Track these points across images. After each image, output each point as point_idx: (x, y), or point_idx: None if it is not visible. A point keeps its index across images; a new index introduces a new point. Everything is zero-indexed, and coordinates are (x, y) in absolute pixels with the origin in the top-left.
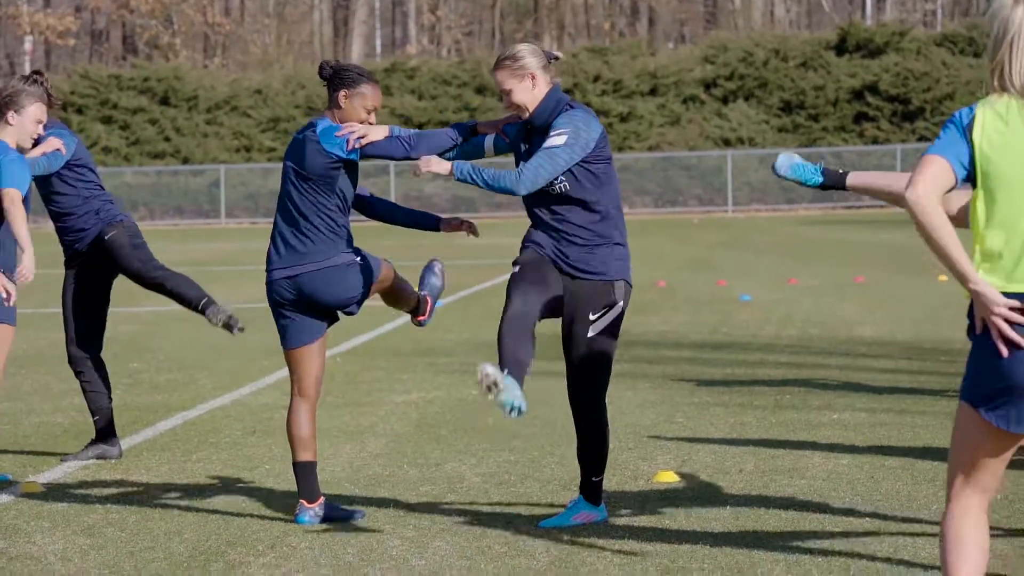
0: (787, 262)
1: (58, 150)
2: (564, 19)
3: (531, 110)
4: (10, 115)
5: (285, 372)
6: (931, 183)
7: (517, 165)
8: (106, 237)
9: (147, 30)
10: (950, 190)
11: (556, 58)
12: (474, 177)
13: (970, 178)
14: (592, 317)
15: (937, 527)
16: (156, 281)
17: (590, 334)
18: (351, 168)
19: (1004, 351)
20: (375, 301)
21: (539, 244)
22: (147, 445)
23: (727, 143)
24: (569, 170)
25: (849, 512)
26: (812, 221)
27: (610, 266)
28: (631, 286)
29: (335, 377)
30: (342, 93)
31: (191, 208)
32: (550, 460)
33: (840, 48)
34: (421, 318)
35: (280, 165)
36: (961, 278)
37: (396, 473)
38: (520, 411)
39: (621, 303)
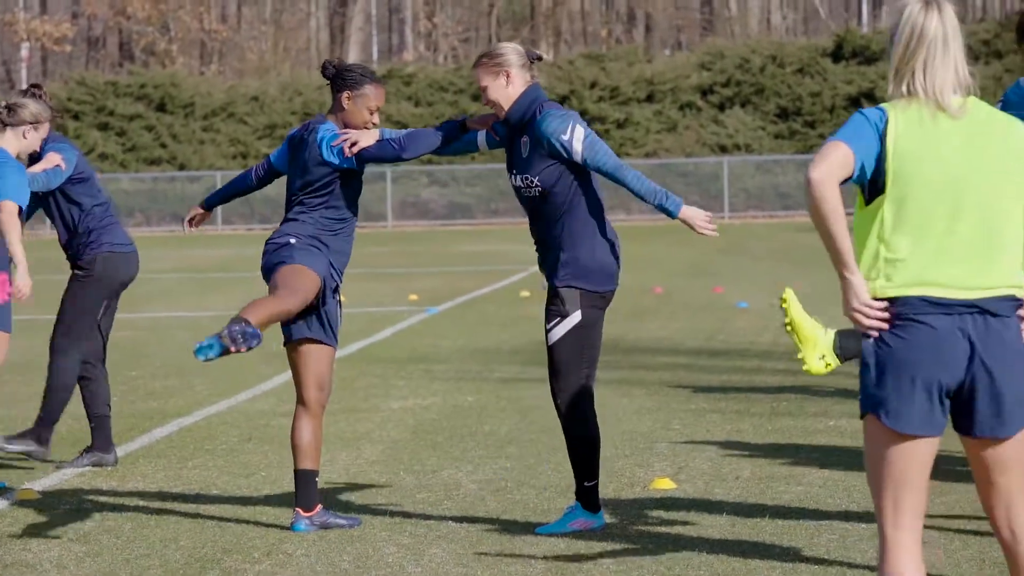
0: (784, 268)
1: (58, 166)
2: (560, 26)
3: (505, 108)
4: (26, 129)
5: (282, 379)
6: (834, 169)
7: (511, 164)
8: (81, 260)
9: (144, 37)
10: (843, 182)
11: (539, 58)
12: (660, 189)
13: (868, 180)
14: (547, 325)
15: (933, 532)
16: (54, 349)
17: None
18: (351, 175)
19: (872, 333)
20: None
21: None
22: (143, 452)
23: (724, 150)
24: (546, 171)
25: (845, 519)
26: (808, 228)
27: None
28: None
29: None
30: (345, 95)
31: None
32: (546, 467)
33: (836, 55)
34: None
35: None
36: (841, 266)
37: (392, 480)
38: None
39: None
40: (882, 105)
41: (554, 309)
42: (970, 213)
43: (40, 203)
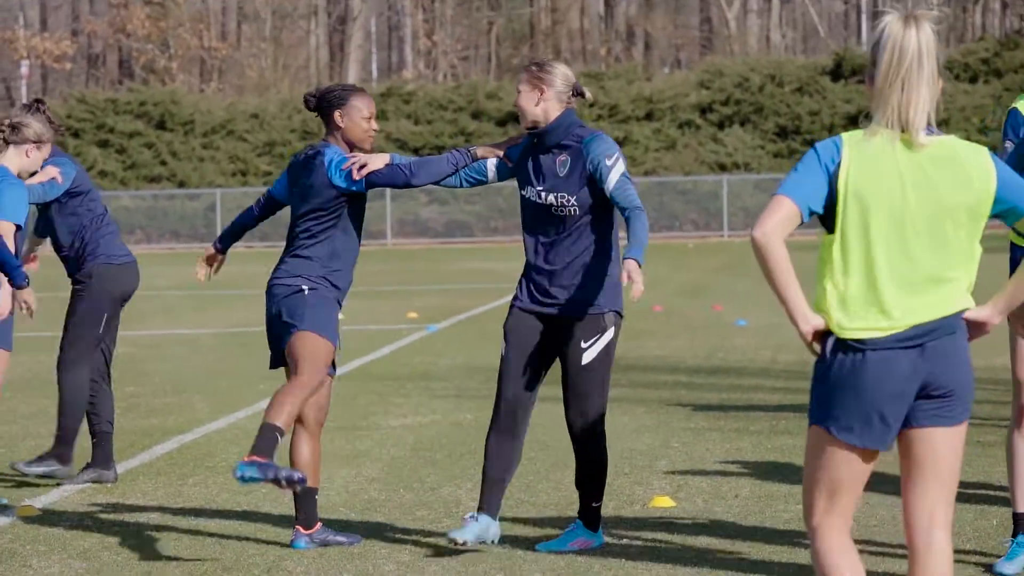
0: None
1: (54, 179)
2: (560, 44)
3: (529, 120)
4: (29, 148)
5: None
6: (777, 227)
7: (532, 180)
8: (78, 272)
9: (143, 54)
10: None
11: (582, 94)
12: (645, 245)
13: (822, 217)
14: (584, 345)
15: None
16: (61, 365)
17: (583, 361)
18: (358, 199)
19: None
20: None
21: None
22: (143, 469)
23: (723, 168)
24: (584, 191)
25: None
26: (808, 247)
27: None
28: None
29: (330, 401)
30: (336, 114)
31: (187, 232)
32: (546, 485)
33: (836, 73)
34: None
35: None
36: (792, 318)
37: (392, 498)
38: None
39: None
40: (842, 137)
41: (590, 328)
42: (918, 250)
43: (41, 217)
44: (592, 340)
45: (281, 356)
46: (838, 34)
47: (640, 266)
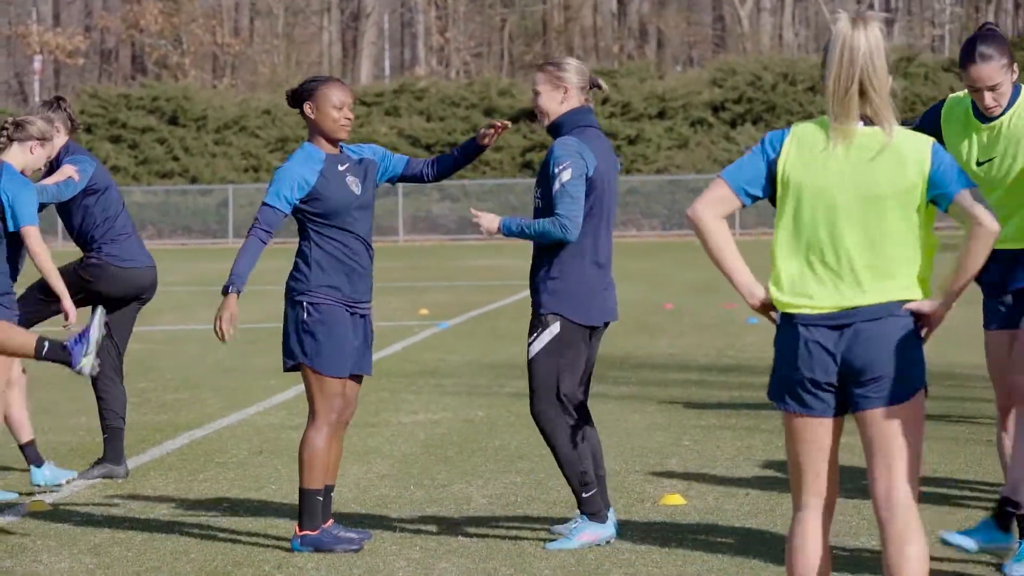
0: None
1: (70, 178)
2: (573, 41)
3: (552, 119)
4: (33, 145)
5: (292, 392)
6: (709, 203)
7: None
8: (84, 270)
9: (156, 50)
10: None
11: (599, 86)
12: (525, 231)
13: (768, 199)
14: (528, 339)
15: (942, 548)
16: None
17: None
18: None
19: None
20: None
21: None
22: (154, 464)
23: None
24: (547, 190)
25: (855, 536)
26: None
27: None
28: (572, 322)
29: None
30: (306, 106)
31: (199, 228)
32: (556, 482)
33: None
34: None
35: None
36: (734, 285)
37: (403, 494)
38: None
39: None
40: (790, 127)
41: (534, 324)
42: (850, 237)
43: (59, 213)
44: (534, 335)
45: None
46: None
47: (500, 229)
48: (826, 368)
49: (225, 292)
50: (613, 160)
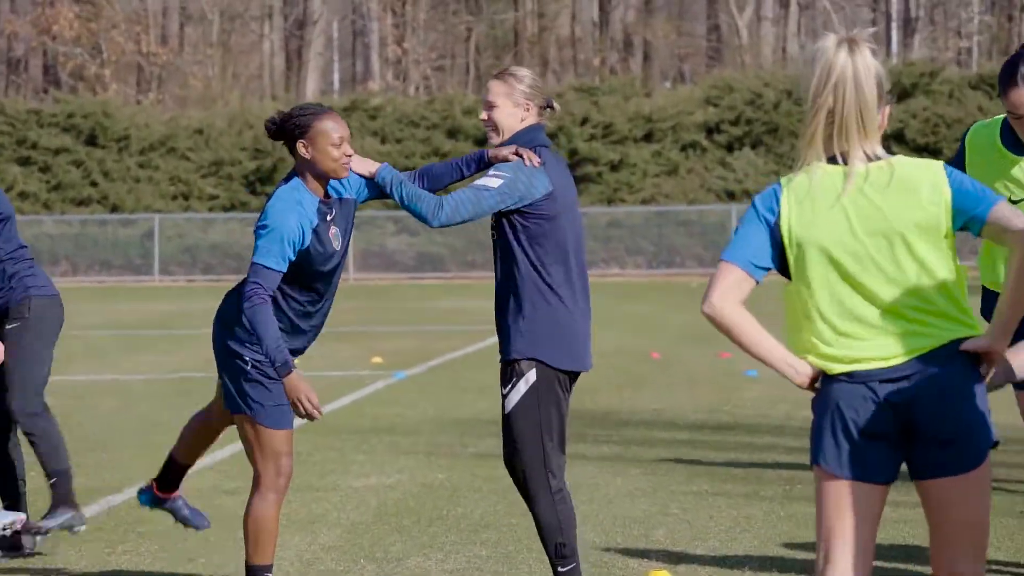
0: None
1: None
2: (548, 53)
3: (506, 137)
4: None
5: (228, 451)
6: (725, 293)
7: None
8: (11, 307)
9: (71, 59)
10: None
11: (552, 107)
12: (392, 189)
13: (778, 269)
14: (503, 391)
15: None
16: (21, 413)
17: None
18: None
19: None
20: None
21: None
22: (64, 536)
23: (732, 196)
24: (504, 219)
25: None
26: None
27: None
28: (550, 367)
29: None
30: (300, 145)
31: (120, 263)
32: (527, 555)
33: None
34: None
35: (223, 215)
36: (776, 367)
37: (352, 569)
38: None
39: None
40: (780, 183)
41: (506, 373)
42: (880, 284)
43: None
44: (508, 387)
45: None
46: None
47: (377, 175)
48: (882, 426)
49: (284, 374)
50: (572, 183)
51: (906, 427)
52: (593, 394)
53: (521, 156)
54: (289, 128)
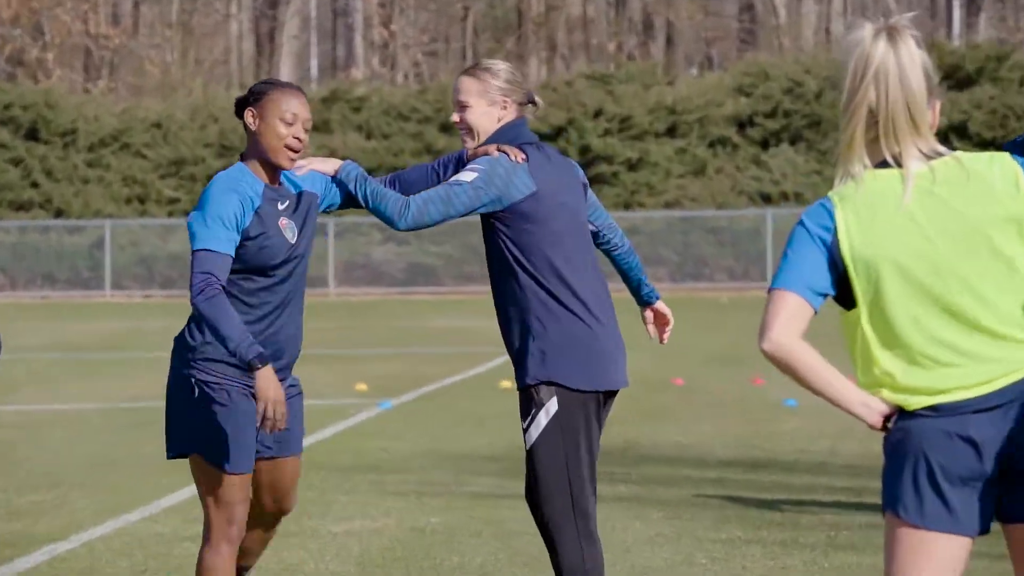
0: (845, 355)
1: None
2: (556, 37)
3: (482, 140)
4: None
5: (188, 492)
6: (786, 326)
7: None
8: None
9: (9, 42)
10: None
11: (534, 103)
12: (356, 187)
13: (836, 297)
14: (523, 425)
15: None
16: None
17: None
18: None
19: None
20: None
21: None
22: None
23: (767, 200)
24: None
25: None
26: None
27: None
28: (572, 389)
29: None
30: (248, 114)
31: (66, 276)
32: None
33: None
34: None
35: (184, 221)
36: (847, 407)
37: None
38: None
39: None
40: (830, 198)
41: (524, 403)
42: (963, 298)
43: None
44: (528, 419)
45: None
46: (922, 25)
47: (339, 171)
48: (974, 466)
49: (257, 366)
50: (571, 181)
51: (1003, 465)
52: (608, 426)
53: (505, 152)
54: (246, 96)
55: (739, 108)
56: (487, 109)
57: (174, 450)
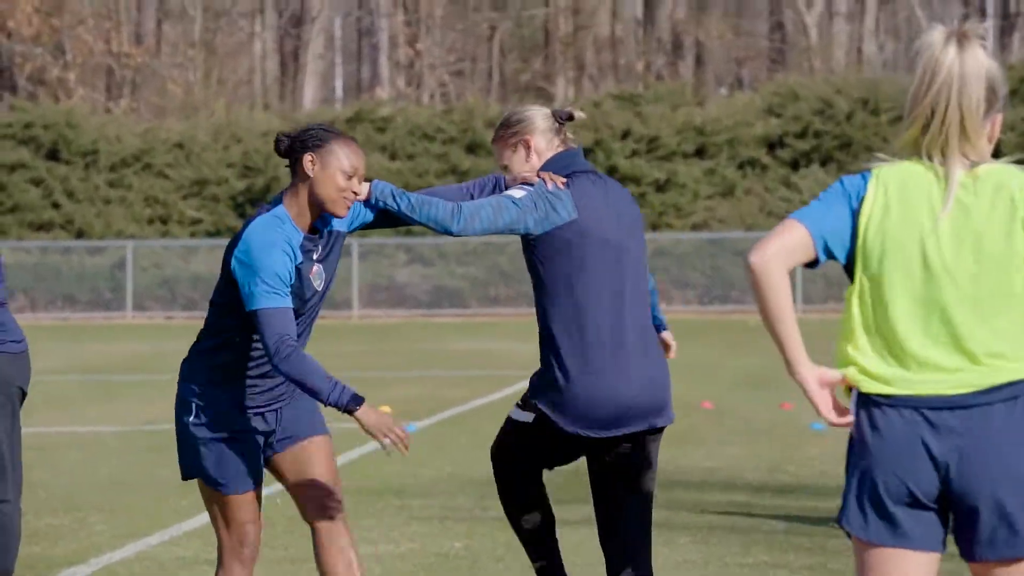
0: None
1: None
2: (584, 56)
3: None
4: None
5: (205, 517)
6: (782, 250)
7: None
8: None
9: (31, 60)
10: (808, 265)
11: (569, 117)
12: (396, 200)
13: (844, 265)
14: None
15: None
16: None
17: None
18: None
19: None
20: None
21: None
22: None
23: None
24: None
25: None
26: None
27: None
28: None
29: (275, 524)
30: (307, 158)
31: (87, 297)
32: None
33: None
34: None
35: (206, 241)
36: (787, 363)
37: None
38: None
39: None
40: (871, 169)
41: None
42: (959, 310)
43: None
44: (522, 402)
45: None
46: None
47: (371, 193)
48: (922, 486)
49: (355, 409)
50: (622, 213)
51: (953, 491)
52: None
53: (544, 180)
54: (303, 139)
55: (769, 129)
56: (514, 157)
57: (184, 473)
